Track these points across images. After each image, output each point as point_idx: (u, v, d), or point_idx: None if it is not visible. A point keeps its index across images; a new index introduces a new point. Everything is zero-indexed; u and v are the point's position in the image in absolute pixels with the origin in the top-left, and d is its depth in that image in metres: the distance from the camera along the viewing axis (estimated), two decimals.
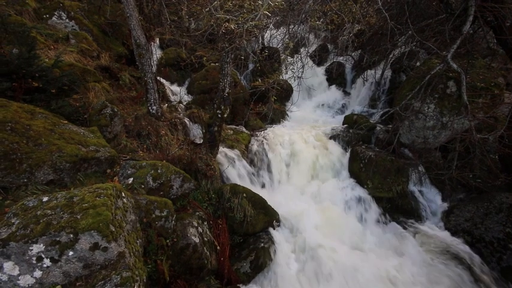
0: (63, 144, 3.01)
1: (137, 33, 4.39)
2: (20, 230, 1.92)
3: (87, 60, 5.41)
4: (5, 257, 1.86)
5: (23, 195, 2.63)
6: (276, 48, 8.51)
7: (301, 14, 4.84)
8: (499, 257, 3.85)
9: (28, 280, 1.89)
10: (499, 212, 4.11)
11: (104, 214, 2.08)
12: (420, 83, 4.64)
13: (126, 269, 2.10)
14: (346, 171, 5.41)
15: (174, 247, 3.06)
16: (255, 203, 4.07)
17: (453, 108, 4.70)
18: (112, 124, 3.88)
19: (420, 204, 4.77)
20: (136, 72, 6.17)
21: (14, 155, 2.66)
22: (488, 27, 4.50)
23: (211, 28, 3.82)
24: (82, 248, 1.98)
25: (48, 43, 5.18)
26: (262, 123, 7.03)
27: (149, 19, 6.88)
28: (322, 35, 9.94)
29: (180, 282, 3.01)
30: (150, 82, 4.62)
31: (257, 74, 8.36)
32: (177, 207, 3.50)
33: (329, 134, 6.04)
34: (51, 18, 5.95)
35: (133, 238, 2.45)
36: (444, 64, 4.37)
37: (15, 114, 2.87)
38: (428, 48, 5.91)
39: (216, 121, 4.60)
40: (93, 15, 6.75)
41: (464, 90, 4.31)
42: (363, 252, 4.04)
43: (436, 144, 5.04)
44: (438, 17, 4.87)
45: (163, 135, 4.58)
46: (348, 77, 8.85)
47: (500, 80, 4.74)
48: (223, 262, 3.54)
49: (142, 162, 3.48)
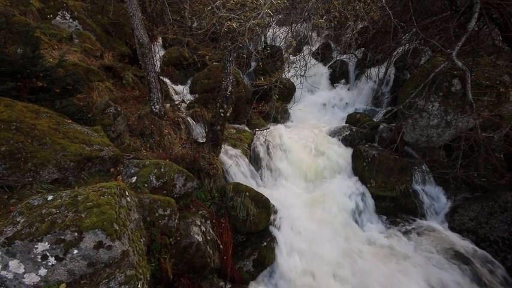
0: (68, 143, 3.03)
1: (140, 33, 4.40)
2: (25, 229, 1.94)
3: (91, 60, 5.44)
4: (11, 255, 1.88)
5: (28, 194, 2.66)
6: (278, 47, 8.48)
7: (304, 12, 4.81)
8: (504, 257, 3.82)
9: (33, 278, 1.91)
10: (504, 211, 4.07)
11: (108, 213, 2.09)
12: (424, 81, 4.60)
13: (130, 267, 2.12)
14: (350, 170, 5.38)
15: (177, 246, 3.08)
16: (258, 202, 4.07)
17: (458, 107, 4.66)
18: (115, 123, 3.90)
19: (424, 203, 4.74)
20: (140, 71, 6.19)
21: (19, 154, 2.68)
22: (494, 24, 4.45)
23: (214, 27, 3.82)
24: (86, 246, 2.00)
25: (52, 43, 5.22)
26: (264, 122, 7.02)
27: (152, 18, 6.90)
28: (325, 33, 9.89)
29: (183, 280, 3.03)
30: (153, 81, 4.64)
31: (259, 73, 8.34)
32: (180, 206, 3.51)
33: (332, 133, 6.02)
34: (54, 18, 5.99)
35: (137, 237, 2.47)
36: (449, 62, 4.33)
37: (20, 114, 2.89)
38: (432, 45, 5.85)
39: (219, 120, 4.60)
40: (97, 15, 6.79)
41: (469, 88, 4.27)
42: (366, 251, 4.03)
43: (440, 142, 5.00)
44: (443, 14, 4.82)
45: (166, 134, 4.60)
46: (351, 75, 8.80)
47: (505, 78, 4.69)
48: (226, 261, 3.55)
49: (146, 161, 3.49)
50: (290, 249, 3.94)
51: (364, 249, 4.06)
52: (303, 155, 5.47)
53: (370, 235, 4.32)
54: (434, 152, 5.11)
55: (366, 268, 3.68)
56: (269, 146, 5.58)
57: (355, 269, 3.67)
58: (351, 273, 3.63)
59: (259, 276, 3.64)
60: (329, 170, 5.38)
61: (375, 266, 3.73)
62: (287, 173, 5.30)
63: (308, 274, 3.64)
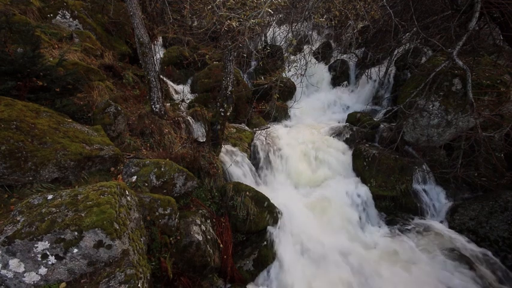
0: (68, 142, 3.03)
1: (140, 32, 4.40)
2: (25, 228, 1.94)
3: (91, 59, 5.44)
4: (11, 254, 1.88)
5: (29, 193, 2.66)
6: (278, 46, 8.47)
7: (305, 11, 4.80)
8: (504, 256, 3.82)
9: (33, 277, 1.91)
10: (505, 210, 4.06)
11: (108, 212, 2.09)
12: (425, 80, 4.60)
13: (130, 266, 2.12)
14: (350, 169, 5.38)
15: (177, 245, 3.08)
16: (258, 201, 4.07)
17: (458, 106, 4.65)
18: (116, 122, 3.91)
19: (424, 203, 4.74)
20: (140, 70, 6.19)
21: (19, 153, 2.68)
22: (495, 23, 4.45)
23: (214, 26, 3.81)
24: (86, 245, 2.00)
25: (53, 42, 5.22)
26: (265, 121, 7.01)
27: (152, 18, 6.89)
28: (325, 32, 9.87)
29: (183, 279, 3.03)
30: (153, 81, 4.63)
31: (260, 72, 8.34)
32: (180, 205, 3.52)
33: (332, 132, 6.02)
34: (55, 18, 5.99)
35: (137, 236, 2.47)
36: (449, 61, 4.33)
37: (20, 113, 2.89)
38: (433, 45, 5.84)
39: (219, 119, 4.60)
40: (97, 14, 6.78)
41: (469, 87, 4.26)
42: (367, 251, 4.03)
43: (440, 142, 4.99)
44: (443, 14, 4.82)
45: (166, 133, 4.60)
46: (351, 75, 8.78)
47: (506, 78, 4.68)
48: (226, 260, 3.55)
49: (146, 161, 3.49)
50: (290, 248, 3.94)
51: (363, 247, 4.06)
52: (303, 155, 5.47)
53: (369, 234, 4.33)
54: (435, 152, 5.10)
55: (367, 267, 3.68)
56: (269, 145, 5.58)
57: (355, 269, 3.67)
58: (351, 273, 3.63)
59: (259, 275, 3.64)
60: (329, 169, 5.37)
61: (374, 266, 3.73)
62: (287, 172, 5.30)
63: (309, 272, 3.64)
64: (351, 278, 3.56)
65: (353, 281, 3.53)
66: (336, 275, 3.59)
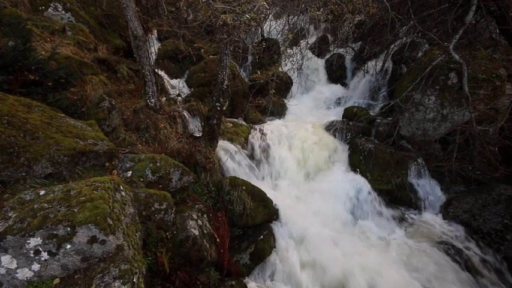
0: (61, 137, 2.99)
1: (134, 25, 4.33)
2: (17, 224, 1.92)
3: (84, 53, 5.35)
4: (2, 250, 1.86)
5: (22, 189, 2.63)
6: (275, 40, 8.39)
7: (301, 4, 4.75)
8: (496, 248, 3.88)
9: (26, 273, 1.90)
10: (498, 203, 4.11)
11: (102, 207, 2.08)
12: (421, 74, 4.59)
13: (125, 261, 2.11)
14: (346, 163, 5.40)
15: (173, 239, 3.08)
16: (255, 196, 4.07)
17: (454, 100, 4.66)
18: (110, 117, 3.86)
19: (419, 196, 4.78)
20: (134, 64, 6.10)
21: (12, 149, 2.64)
22: (491, 17, 4.43)
23: (209, 19, 3.75)
24: (80, 241, 1.99)
25: (45, 35, 5.11)
26: (261, 115, 6.99)
27: (146, 10, 6.78)
28: (322, 26, 9.80)
29: (180, 274, 3.04)
30: (148, 75, 4.57)
31: (256, 66, 8.28)
32: (176, 200, 3.50)
33: (329, 127, 6.02)
34: (46, 10, 5.86)
35: (132, 231, 2.46)
36: (446, 55, 4.31)
37: (12, 108, 2.84)
38: (430, 38, 5.82)
39: (215, 114, 4.57)
40: (90, 6, 6.65)
41: (465, 81, 4.27)
42: (363, 244, 4.06)
43: (435, 136, 5.01)
44: (440, 7, 4.78)
45: (162, 128, 4.56)
46: (348, 69, 8.76)
47: (501, 71, 4.68)
48: (223, 254, 3.56)
49: (141, 156, 3.46)
50: (287, 241, 3.97)
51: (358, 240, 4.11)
52: (299, 149, 5.47)
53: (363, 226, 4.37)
54: (430, 146, 5.13)
55: (364, 262, 3.71)
56: (265, 140, 5.57)
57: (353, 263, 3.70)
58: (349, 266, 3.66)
59: (256, 268, 3.66)
60: (325, 163, 5.39)
61: (373, 260, 3.76)
62: (283, 166, 5.30)
63: (306, 265, 3.67)
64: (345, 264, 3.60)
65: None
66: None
